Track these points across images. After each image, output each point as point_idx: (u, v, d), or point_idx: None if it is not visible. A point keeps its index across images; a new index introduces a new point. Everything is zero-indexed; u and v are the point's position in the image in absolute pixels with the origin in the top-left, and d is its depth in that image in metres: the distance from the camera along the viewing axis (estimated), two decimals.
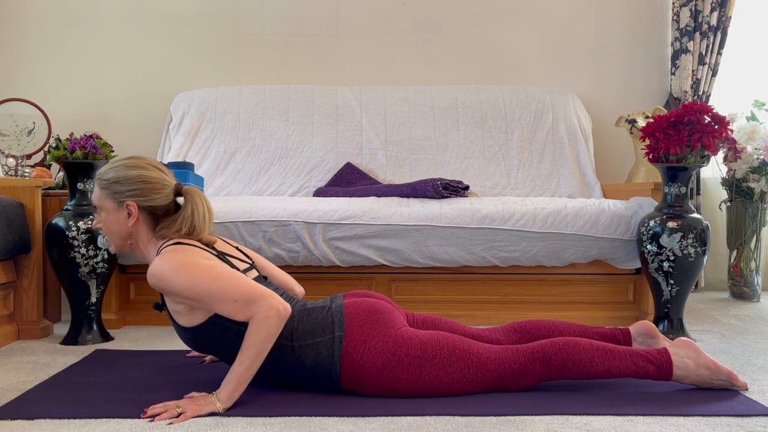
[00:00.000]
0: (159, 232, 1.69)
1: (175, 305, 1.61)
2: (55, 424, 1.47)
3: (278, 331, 1.55)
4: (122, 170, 1.69)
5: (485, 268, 2.60)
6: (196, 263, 1.57)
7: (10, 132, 3.31)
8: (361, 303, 1.69)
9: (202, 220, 1.69)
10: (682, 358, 1.68)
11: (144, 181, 1.68)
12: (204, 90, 3.38)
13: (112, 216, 1.71)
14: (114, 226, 1.71)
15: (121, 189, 1.68)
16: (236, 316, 1.56)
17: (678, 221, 2.31)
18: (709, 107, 2.34)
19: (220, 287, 1.55)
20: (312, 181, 3.15)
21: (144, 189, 1.68)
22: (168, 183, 1.72)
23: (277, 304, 1.55)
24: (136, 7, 3.52)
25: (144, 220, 1.70)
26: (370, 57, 3.58)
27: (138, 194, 1.68)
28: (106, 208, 1.71)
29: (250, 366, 1.54)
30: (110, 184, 1.69)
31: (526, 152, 3.26)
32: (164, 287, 1.57)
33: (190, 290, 1.54)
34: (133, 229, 1.70)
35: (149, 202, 1.68)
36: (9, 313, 2.31)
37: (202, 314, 1.60)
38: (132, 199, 1.68)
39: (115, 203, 1.69)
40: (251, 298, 1.55)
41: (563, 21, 3.60)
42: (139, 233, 1.71)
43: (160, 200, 1.69)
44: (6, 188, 2.34)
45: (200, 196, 1.72)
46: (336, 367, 1.62)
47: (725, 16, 3.44)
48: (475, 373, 1.63)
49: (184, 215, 1.68)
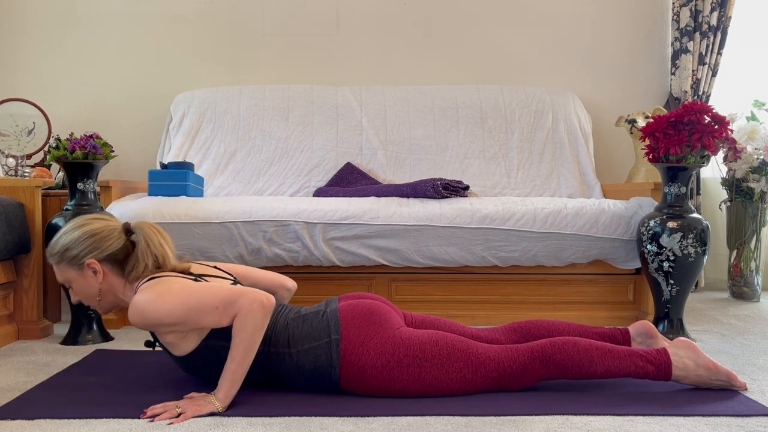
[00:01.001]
0: (130, 276, 1.68)
1: (166, 336, 1.60)
2: (55, 424, 1.47)
3: (265, 323, 1.56)
4: (66, 237, 1.68)
5: (485, 268, 2.60)
6: (169, 289, 1.57)
7: (10, 132, 3.31)
8: (356, 305, 1.69)
9: (160, 248, 1.68)
10: (682, 358, 1.68)
11: (90, 235, 1.67)
12: (204, 90, 3.38)
13: (80, 282, 1.70)
14: (87, 290, 1.70)
15: (74, 253, 1.67)
16: (222, 322, 1.56)
17: (678, 221, 2.31)
18: (709, 107, 2.34)
19: (198, 300, 1.55)
20: (312, 181, 3.15)
21: (94, 242, 1.67)
22: (114, 226, 1.71)
23: (259, 296, 1.55)
24: (136, 7, 3.52)
25: (110, 271, 1.69)
26: (370, 57, 3.58)
27: (91, 250, 1.67)
28: (72, 278, 1.70)
29: (242, 361, 1.54)
30: (62, 254, 1.68)
31: (526, 152, 3.26)
32: (147, 322, 1.56)
33: (171, 315, 1.54)
34: (104, 284, 1.69)
35: (105, 252, 1.67)
36: (9, 313, 2.31)
37: (195, 339, 1.60)
38: (89, 257, 1.66)
39: (77, 269, 1.68)
40: (231, 299, 1.55)
41: (563, 21, 3.60)
42: (113, 285, 1.70)
43: (114, 245, 1.68)
44: (6, 188, 2.34)
45: (150, 226, 1.72)
46: (335, 369, 1.62)
47: (725, 16, 3.44)
48: (474, 372, 1.63)
49: (141, 250, 1.67)
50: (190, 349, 1.61)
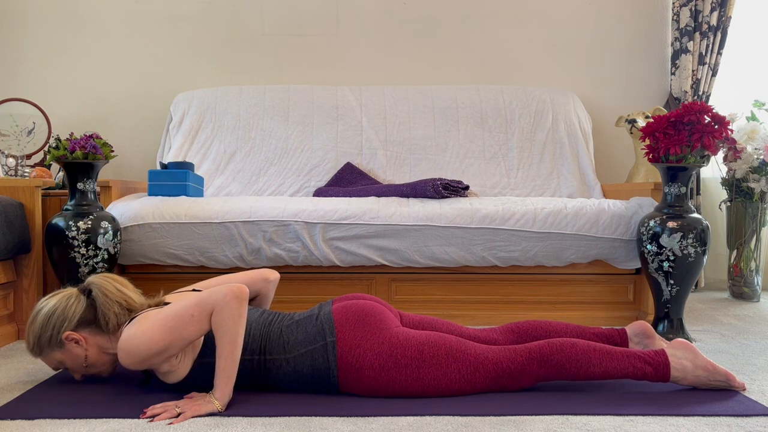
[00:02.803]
0: (109, 329, 1.67)
1: (161, 368, 1.60)
2: (55, 424, 1.47)
3: (243, 312, 1.55)
4: (33, 327, 1.68)
5: (485, 268, 2.60)
6: (144, 322, 1.56)
7: (10, 132, 3.31)
8: (350, 306, 1.69)
9: (118, 294, 1.68)
10: (680, 359, 1.68)
11: (51, 314, 1.67)
12: (204, 90, 3.38)
13: (69, 358, 1.69)
14: (78, 361, 1.70)
15: (47, 339, 1.67)
16: (204, 327, 1.55)
17: (678, 221, 2.31)
18: (709, 107, 2.34)
19: (173, 317, 1.54)
20: (312, 181, 3.15)
21: (58, 316, 1.66)
22: (69, 294, 1.70)
23: (230, 288, 1.55)
24: (136, 7, 3.53)
25: (90, 334, 1.68)
26: (370, 57, 3.58)
27: (60, 325, 1.66)
28: (59, 359, 1.70)
29: (230, 355, 1.54)
30: (38, 346, 1.68)
31: (526, 152, 3.26)
32: (137, 358, 1.54)
33: (155, 342, 1.52)
34: (91, 348, 1.69)
35: (74, 319, 1.67)
36: (9, 313, 2.31)
37: (187, 361, 1.60)
38: (63, 332, 1.66)
39: (59, 348, 1.68)
40: (202, 302, 1.55)
41: (563, 21, 3.60)
42: (100, 344, 1.69)
43: (78, 309, 1.68)
44: (6, 188, 2.34)
45: (103, 278, 1.71)
46: (333, 371, 1.62)
47: (725, 16, 3.44)
48: (473, 373, 1.63)
49: (101, 304, 1.67)
50: (186, 373, 1.61)
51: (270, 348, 1.64)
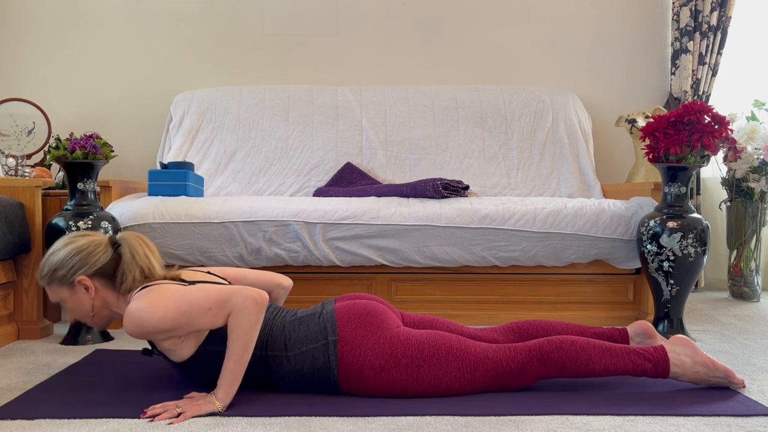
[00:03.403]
0: (121, 288, 1.67)
1: (163, 344, 1.60)
2: (55, 424, 1.47)
3: (260, 319, 1.56)
4: (53, 257, 1.68)
5: (485, 268, 2.60)
6: (161, 295, 1.57)
7: (10, 132, 3.31)
8: (352, 306, 1.69)
9: (145, 260, 1.68)
10: (679, 355, 1.68)
11: (76, 252, 1.66)
12: (204, 90, 3.38)
13: (73, 300, 1.69)
14: (81, 306, 1.69)
15: (63, 273, 1.66)
16: (217, 323, 1.56)
17: (678, 221, 2.31)
18: (709, 107, 2.34)
19: (190, 303, 1.55)
20: (312, 181, 3.15)
21: (81, 259, 1.66)
22: (99, 241, 1.70)
23: (252, 292, 1.55)
24: (136, 7, 3.53)
25: (102, 286, 1.68)
26: (370, 57, 3.58)
27: (80, 266, 1.66)
28: (65, 297, 1.69)
29: (239, 359, 1.54)
30: (51, 275, 1.67)
31: (526, 152, 3.26)
32: (142, 331, 1.55)
33: (165, 321, 1.53)
34: (97, 299, 1.68)
35: (94, 267, 1.66)
36: (9, 313, 2.31)
37: (192, 344, 1.60)
38: (78, 274, 1.66)
39: (68, 287, 1.67)
40: (223, 299, 1.55)
41: (563, 21, 3.60)
42: (106, 299, 1.69)
43: (102, 259, 1.67)
44: (6, 188, 2.34)
45: (135, 237, 1.71)
46: (333, 371, 1.62)
47: (725, 16, 3.44)
48: (473, 372, 1.63)
49: (127, 262, 1.66)
50: (188, 355, 1.61)
51: (272, 343, 1.64)
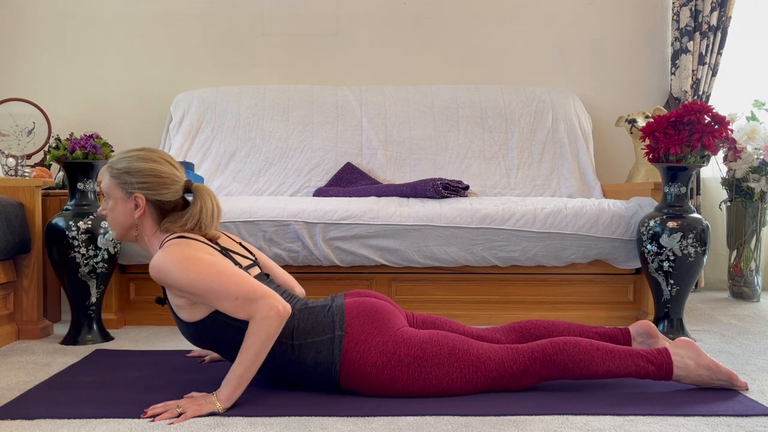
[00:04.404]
0: (164, 226, 1.69)
1: (177, 299, 1.61)
2: (55, 424, 1.47)
3: (278, 332, 1.56)
4: (134, 161, 1.69)
5: (485, 268, 2.60)
6: (199, 258, 1.57)
7: (10, 132, 3.30)
8: (362, 302, 1.69)
9: (209, 219, 1.69)
10: (683, 358, 1.68)
11: (155, 174, 1.68)
12: (204, 90, 3.38)
13: (119, 206, 1.70)
14: (120, 216, 1.71)
15: (131, 180, 1.68)
16: (236, 314, 1.56)
17: (678, 221, 2.31)
18: (709, 107, 2.34)
19: (221, 284, 1.55)
20: (312, 181, 3.15)
21: (154, 183, 1.68)
22: (179, 179, 1.72)
23: (278, 304, 1.55)
24: (136, 6, 3.52)
25: (150, 213, 1.70)
26: (370, 57, 3.58)
27: (148, 187, 1.68)
28: (114, 197, 1.71)
29: (250, 366, 1.54)
30: (121, 173, 1.69)
31: (526, 152, 3.26)
32: (166, 280, 1.57)
33: (191, 285, 1.54)
34: (138, 221, 1.70)
35: (158, 197, 1.68)
36: (9, 313, 2.31)
37: (204, 309, 1.60)
38: (141, 192, 1.67)
39: (124, 193, 1.69)
40: (252, 297, 1.55)
41: (563, 21, 3.60)
42: (144, 225, 1.71)
43: (169, 195, 1.69)
44: (6, 188, 2.34)
45: (210, 194, 1.72)
46: (336, 366, 1.62)
47: (725, 16, 3.44)
48: (474, 372, 1.63)
49: (192, 212, 1.68)
50: (198, 318, 1.61)
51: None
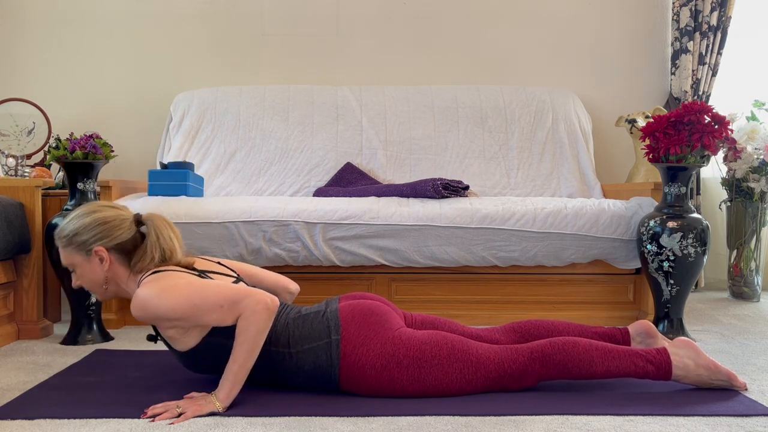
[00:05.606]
0: (135, 267, 1.68)
1: (167, 331, 1.60)
2: (55, 424, 1.47)
3: (269, 325, 1.56)
4: (77, 221, 1.69)
5: (485, 268, 2.60)
6: (174, 284, 1.57)
7: (10, 132, 3.30)
8: (356, 305, 1.69)
9: (169, 242, 1.69)
10: (682, 358, 1.68)
11: (102, 222, 1.68)
12: (204, 90, 3.38)
13: (85, 268, 1.70)
14: (91, 276, 1.70)
15: (83, 239, 1.67)
16: (226, 321, 1.56)
17: (678, 221, 2.31)
18: (709, 107, 2.34)
19: (202, 298, 1.55)
20: (312, 181, 3.15)
21: (105, 229, 1.67)
22: (125, 216, 1.71)
23: (264, 297, 1.55)
24: (136, 6, 3.52)
25: (117, 260, 1.69)
26: (370, 57, 3.58)
27: (101, 236, 1.67)
28: (78, 263, 1.70)
29: (244, 363, 1.54)
30: (71, 238, 1.68)
31: (526, 152, 3.26)
32: (149, 315, 1.56)
33: (175, 310, 1.54)
34: (109, 273, 1.69)
35: (114, 241, 1.68)
36: (9, 313, 2.31)
37: (196, 335, 1.59)
38: (98, 244, 1.67)
39: (84, 254, 1.68)
40: (236, 298, 1.55)
41: (563, 21, 3.60)
42: (117, 274, 1.70)
43: (124, 235, 1.69)
44: (6, 188, 2.34)
45: (161, 219, 1.72)
46: (335, 370, 1.62)
47: (725, 16, 3.44)
48: (474, 373, 1.63)
49: (150, 242, 1.67)
50: (192, 345, 1.60)
51: (275, 339, 1.64)
